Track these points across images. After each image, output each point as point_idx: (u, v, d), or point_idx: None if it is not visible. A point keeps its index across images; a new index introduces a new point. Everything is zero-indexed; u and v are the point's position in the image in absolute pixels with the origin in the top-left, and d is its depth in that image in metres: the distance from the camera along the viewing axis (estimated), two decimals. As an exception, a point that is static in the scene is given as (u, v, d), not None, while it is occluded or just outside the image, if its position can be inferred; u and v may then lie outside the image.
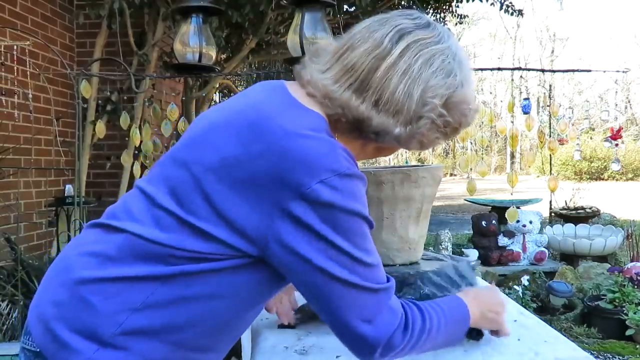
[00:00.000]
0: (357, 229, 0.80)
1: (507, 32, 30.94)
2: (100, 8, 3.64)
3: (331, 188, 0.76)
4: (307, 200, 0.76)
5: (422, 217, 1.30)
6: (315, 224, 0.77)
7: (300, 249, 0.78)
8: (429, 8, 5.42)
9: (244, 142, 0.80)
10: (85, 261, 0.85)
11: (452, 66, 0.85)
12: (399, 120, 0.83)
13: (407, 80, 0.82)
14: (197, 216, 0.80)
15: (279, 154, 0.77)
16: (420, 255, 1.35)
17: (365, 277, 0.81)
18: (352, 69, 0.84)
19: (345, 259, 0.79)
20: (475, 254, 4.69)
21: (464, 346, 1.12)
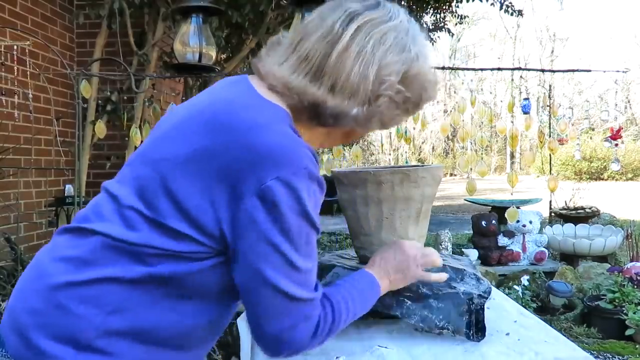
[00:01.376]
0: (300, 232, 0.80)
1: (507, 32, 30.95)
2: (100, 8, 3.64)
3: (285, 186, 0.76)
4: (258, 197, 0.76)
5: (422, 217, 1.30)
6: (262, 222, 0.77)
7: (244, 245, 0.78)
8: (429, 8, 5.42)
9: (209, 136, 0.80)
10: (59, 266, 0.83)
11: (405, 41, 0.86)
12: (355, 101, 0.83)
13: (361, 62, 0.82)
14: (162, 214, 0.80)
15: (243, 147, 0.77)
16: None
17: (296, 282, 0.80)
18: (307, 58, 0.84)
19: (281, 261, 0.78)
20: (475, 254, 4.68)
21: (464, 346, 1.13)
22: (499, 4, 5.05)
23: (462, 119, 3.21)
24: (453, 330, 1.15)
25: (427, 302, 1.17)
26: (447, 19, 5.86)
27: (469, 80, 26.44)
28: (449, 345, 1.13)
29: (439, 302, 1.17)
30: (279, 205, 0.76)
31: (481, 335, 1.14)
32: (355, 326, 1.26)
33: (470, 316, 1.15)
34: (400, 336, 1.18)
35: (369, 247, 1.31)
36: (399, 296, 1.18)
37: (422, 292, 1.19)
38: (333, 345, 1.14)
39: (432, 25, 5.91)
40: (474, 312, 1.15)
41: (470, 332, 1.14)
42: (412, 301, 1.17)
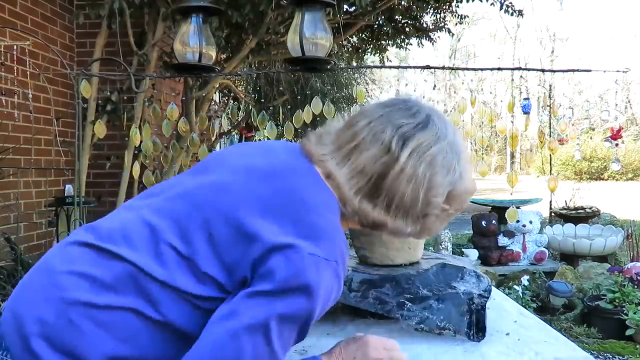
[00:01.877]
0: (299, 317, 0.81)
1: (507, 32, 30.94)
2: (100, 8, 3.63)
3: (309, 265, 0.80)
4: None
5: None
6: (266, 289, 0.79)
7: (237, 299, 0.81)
8: (429, 8, 5.42)
9: (267, 203, 0.85)
10: (77, 282, 0.83)
11: (451, 161, 0.91)
12: (408, 220, 0.89)
13: (413, 185, 0.87)
14: (198, 253, 0.83)
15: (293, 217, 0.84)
16: (420, 255, 1.35)
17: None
18: (362, 172, 0.88)
19: (265, 344, 0.79)
20: (475, 254, 4.68)
21: (464, 346, 1.12)
22: (499, 4, 5.04)
23: (462, 119, 3.21)
24: (454, 330, 1.15)
25: (428, 303, 1.17)
26: (447, 19, 5.85)
27: (469, 80, 26.45)
28: (449, 345, 1.13)
29: (439, 302, 1.17)
30: (292, 280, 0.80)
31: (482, 335, 1.14)
32: (356, 326, 1.26)
33: (470, 316, 1.15)
34: (400, 336, 1.18)
35: (369, 247, 1.31)
36: (399, 298, 1.18)
37: (422, 293, 1.19)
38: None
39: (432, 25, 5.90)
40: (474, 312, 1.15)
41: (470, 332, 1.14)
42: (412, 303, 1.17)
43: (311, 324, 0.84)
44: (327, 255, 0.81)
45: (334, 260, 0.82)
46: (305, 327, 0.83)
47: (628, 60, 26.37)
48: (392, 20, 5.28)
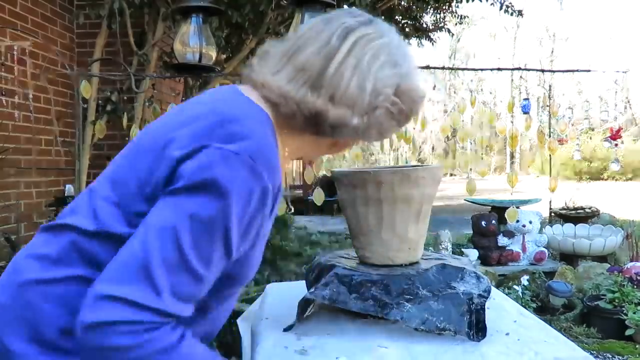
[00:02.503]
0: (216, 226, 0.76)
1: (507, 32, 30.94)
2: (100, 8, 3.64)
3: (222, 159, 0.76)
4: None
5: (422, 217, 1.30)
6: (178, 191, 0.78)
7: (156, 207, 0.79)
8: (429, 8, 5.42)
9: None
10: (30, 264, 0.85)
11: (397, 57, 0.89)
12: (355, 111, 0.86)
13: (358, 74, 0.85)
14: (125, 197, 0.84)
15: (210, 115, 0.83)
16: (420, 255, 1.35)
17: (178, 283, 0.75)
18: (303, 69, 0.86)
19: (176, 253, 0.75)
20: (475, 254, 4.69)
21: (464, 346, 1.13)
22: (499, 4, 5.05)
23: (462, 119, 3.21)
24: (454, 330, 1.15)
25: (427, 303, 1.17)
26: (447, 19, 5.86)
27: (469, 80, 26.44)
28: (448, 345, 1.13)
29: (438, 303, 1.17)
30: (205, 179, 0.77)
31: (482, 335, 1.14)
32: (356, 326, 1.26)
33: (470, 316, 1.15)
34: (400, 336, 1.18)
35: (368, 247, 1.31)
36: (399, 298, 1.18)
37: (422, 293, 1.19)
38: (333, 346, 1.14)
39: (432, 25, 5.91)
40: (474, 312, 1.15)
41: (471, 332, 1.14)
42: (412, 303, 1.17)
43: (233, 236, 0.78)
44: (239, 151, 0.77)
45: (250, 157, 0.77)
46: (226, 238, 0.77)
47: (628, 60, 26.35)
48: (392, 20, 5.29)
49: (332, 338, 1.19)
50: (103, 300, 0.72)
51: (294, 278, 4.77)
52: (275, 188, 0.83)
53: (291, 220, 7.26)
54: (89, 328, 0.72)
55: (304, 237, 7.31)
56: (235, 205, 0.76)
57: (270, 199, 0.82)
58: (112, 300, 0.72)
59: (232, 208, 0.76)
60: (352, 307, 1.21)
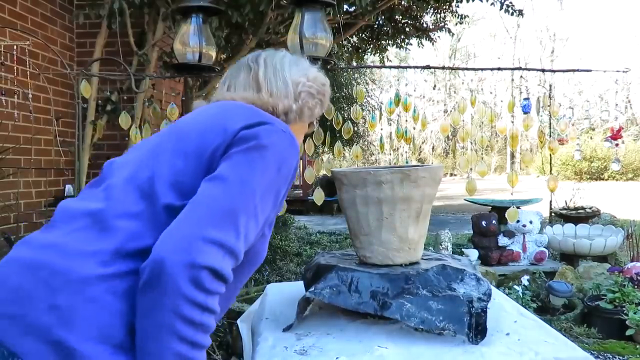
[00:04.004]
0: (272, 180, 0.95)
1: (507, 32, 30.93)
2: (100, 8, 3.63)
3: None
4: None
5: (422, 217, 1.30)
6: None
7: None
8: (429, 8, 5.42)
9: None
10: (83, 260, 0.84)
11: (295, 61, 1.23)
12: (290, 99, 1.16)
13: (279, 75, 1.17)
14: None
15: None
16: (420, 255, 1.35)
17: (250, 229, 0.89)
18: (246, 84, 1.18)
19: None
20: (475, 254, 4.68)
21: (464, 346, 1.12)
22: (499, 4, 5.04)
23: (462, 119, 3.21)
24: (453, 330, 1.14)
25: (427, 304, 1.17)
26: (447, 19, 5.85)
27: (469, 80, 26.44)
28: (449, 345, 1.13)
29: (438, 303, 1.17)
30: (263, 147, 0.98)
31: (481, 337, 1.14)
32: (356, 326, 1.26)
33: (470, 318, 1.14)
34: (400, 336, 1.18)
35: (368, 247, 1.31)
36: (399, 298, 1.18)
37: (422, 294, 1.19)
38: (333, 346, 1.14)
39: (432, 25, 5.91)
40: (474, 315, 1.15)
41: (470, 333, 1.14)
42: (412, 303, 1.17)
43: (280, 196, 0.97)
44: (286, 129, 1.01)
45: (291, 135, 1.01)
46: (277, 195, 0.96)
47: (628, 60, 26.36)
48: (392, 20, 5.28)
49: (332, 338, 1.19)
50: (207, 243, 0.81)
51: (294, 278, 4.76)
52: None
53: (291, 220, 7.25)
54: (194, 268, 0.79)
55: (304, 237, 7.31)
56: (286, 169, 0.97)
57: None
58: (214, 244, 0.82)
59: (284, 170, 0.97)
60: (352, 306, 1.21)
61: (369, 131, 10.90)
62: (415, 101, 4.87)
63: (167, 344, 0.78)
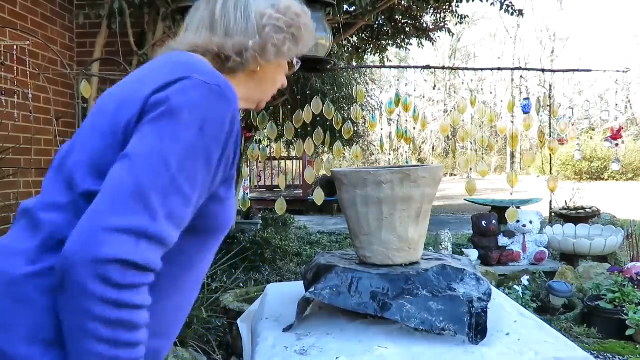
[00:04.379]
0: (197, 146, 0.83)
1: (507, 32, 30.93)
2: (100, 8, 3.63)
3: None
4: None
5: (422, 217, 1.30)
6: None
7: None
8: (429, 8, 5.42)
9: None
10: (11, 260, 0.83)
11: None
12: (248, 35, 1.01)
13: (240, 8, 1.02)
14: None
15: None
16: (420, 255, 1.35)
17: (171, 205, 0.78)
18: (200, 22, 1.04)
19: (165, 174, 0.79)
20: (475, 254, 4.68)
21: (464, 346, 1.12)
22: (499, 4, 5.04)
23: (462, 119, 3.21)
24: (454, 331, 1.15)
25: (427, 304, 1.17)
26: (447, 19, 5.85)
27: (469, 80, 26.44)
28: (449, 345, 1.13)
29: (438, 304, 1.17)
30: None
31: (481, 337, 1.14)
32: (355, 326, 1.26)
33: (470, 319, 1.14)
34: (400, 336, 1.18)
35: (368, 247, 1.31)
36: (399, 299, 1.18)
37: (422, 294, 1.19)
38: (333, 346, 1.14)
39: (432, 25, 5.91)
40: (474, 315, 1.15)
41: (470, 333, 1.14)
42: (412, 304, 1.17)
43: (214, 158, 0.84)
44: (209, 80, 0.87)
45: (218, 85, 0.87)
46: (208, 159, 0.83)
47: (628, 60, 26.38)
48: (392, 20, 5.28)
49: (332, 338, 1.19)
50: (111, 233, 0.73)
51: (294, 278, 4.77)
52: (239, 114, 0.92)
53: (291, 220, 7.25)
54: (98, 263, 0.72)
55: (304, 237, 7.31)
56: (213, 127, 0.84)
57: (238, 123, 0.90)
58: (121, 232, 0.73)
59: (210, 130, 0.83)
60: (352, 307, 1.21)
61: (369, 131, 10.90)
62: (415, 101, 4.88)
63: (85, 345, 0.73)
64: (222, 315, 3.02)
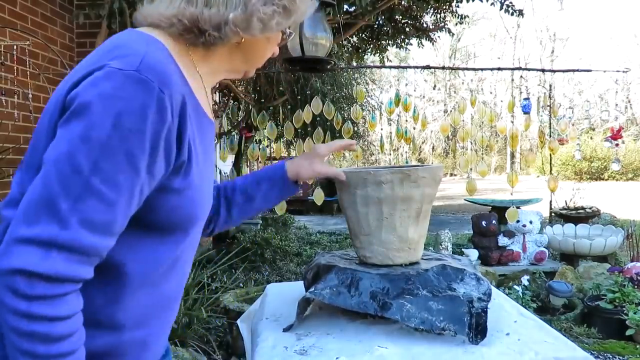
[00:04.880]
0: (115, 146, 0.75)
1: (507, 32, 30.94)
2: (100, 8, 3.63)
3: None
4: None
5: (422, 217, 1.30)
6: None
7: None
8: (429, 8, 5.42)
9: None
10: None
11: None
12: (230, 6, 0.87)
13: None
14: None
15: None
16: (420, 255, 1.35)
17: (86, 211, 0.73)
18: None
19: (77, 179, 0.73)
20: (475, 254, 4.69)
21: (464, 346, 1.12)
22: (499, 4, 5.05)
23: (462, 119, 3.21)
24: (454, 330, 1.15)
25: (427, 304, 1.17)
26: (447, 19, 5.86)
27: (469, 80, 26.45)
28: (449, 345, 1.13)
29: (439, 304, 1.17)
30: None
31: (481, 337, 1.14)
32: (355, 326, 1.26)
33: (470, 319, 1.14)
34: (400, 336, 1.18)
35: (368, 247, 1.31)
36: (399, 299, 1.18)
37: (422, 294, 1.19)
38: (333, 346, 1.14)
39: (432, 25, 5.91)
40: (474, 315, 1.15)
41: (470, 333, 1.14)
42: (412, 304, 1.17)
43: (136, 153, 0.75)
44: (123, 66, 0.76)
45: (135, 70, 0.76)
46: (129, 155, 0.75)
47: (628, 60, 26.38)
48: (392, 20, 5.29)
49: (332, 338, 1.19)
50: (19, 244, 0.71)
51: (294, 278, 4.77)
52: (177, 96, 0.80)
53: (291, 220, 7.26)
54: (6, 274, 0.70)
55: (304, 237, 7.32)
56: (129, 120, 0.74)
57: (172, 108, 0.79)
58: (28, 243, 0.71)
59: (125, 123, 0.74)
60: (352, 307, 1.21)
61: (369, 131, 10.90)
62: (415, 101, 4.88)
63: (12, 355, 0.73)
64: (222, 315, 3.02)
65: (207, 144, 0.94)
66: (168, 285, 0.93)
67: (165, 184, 0.83)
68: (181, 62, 0.88)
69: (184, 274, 0.98)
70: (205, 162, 0.92)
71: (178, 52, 0.88)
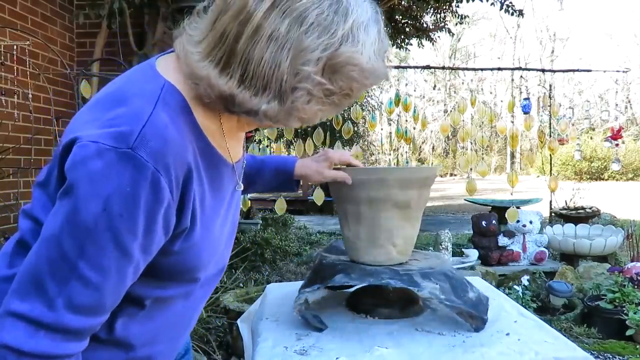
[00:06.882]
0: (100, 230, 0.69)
1: (507, 32, 30.94)
2: (100, 8, 3.64)
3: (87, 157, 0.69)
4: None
5: (414, 219, 1.29)
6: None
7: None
8: (429, 8, 5.42)
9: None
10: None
11: (331, 19, 0.68)
12: (265, 95, 0.71)
13: (273, 47, 0.68)
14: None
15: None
16: (409, 256, 1.34)
17: (71, 294, 0.70)
18: (221, 39, 0.71)
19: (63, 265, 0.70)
20: (475, 254, 4.68)
21: (464, 346, 1.12)
22: (499, 4, 5.05)
23: (462, 119, 3.21)
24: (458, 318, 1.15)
25: (421, 305, 1.17)
26: (447, 19, 5.86)
27: (469, 80, 26.44)
28: (448, 345, 1.13)
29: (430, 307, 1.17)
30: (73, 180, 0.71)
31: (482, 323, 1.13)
32: (355, 326, 1.26)
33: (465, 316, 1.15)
34: (400, 336, 1.18)
35: (358, 248, 1.30)
36: (392, 298, 1.18)
37: (414, 294, 1.19)
38: (333, 346, 1.14)
39: (432, 25, 5.91)
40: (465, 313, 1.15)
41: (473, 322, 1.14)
42: (403, 304, 1.17)
43: (125, 238, 0.70)
44: (116, 143, 0.67)
45: (129, 147, 0.67)
46: (117, 240, 0.69)
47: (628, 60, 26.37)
48: (392, 20, 5.29)
49: (332, 338, 1.19)
50: (10, 317, 0.70)
51: (294, 278, 4.77)
52: (179, 170, 0.72)
53: (291, 220, 7.26)
54: None
55: (304, 237, 7.31)
56: (118, 204, 0.67)
57: (171, 185, 0.71)
58: (18, 318, 0.70)
59: (115, 208, 0.67)
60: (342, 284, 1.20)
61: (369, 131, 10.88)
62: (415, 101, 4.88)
63: None
64: (222, 315, 3.02)
65: (219, 185, 0.86)
66: (184, 305, 0.91)
67: (165, 247, 0.78)
68: (203, 109, 0.78)
69: (203, 294, 0.96)
70: (214, 207, 0.85)
71: (200, 102, 0.77)
